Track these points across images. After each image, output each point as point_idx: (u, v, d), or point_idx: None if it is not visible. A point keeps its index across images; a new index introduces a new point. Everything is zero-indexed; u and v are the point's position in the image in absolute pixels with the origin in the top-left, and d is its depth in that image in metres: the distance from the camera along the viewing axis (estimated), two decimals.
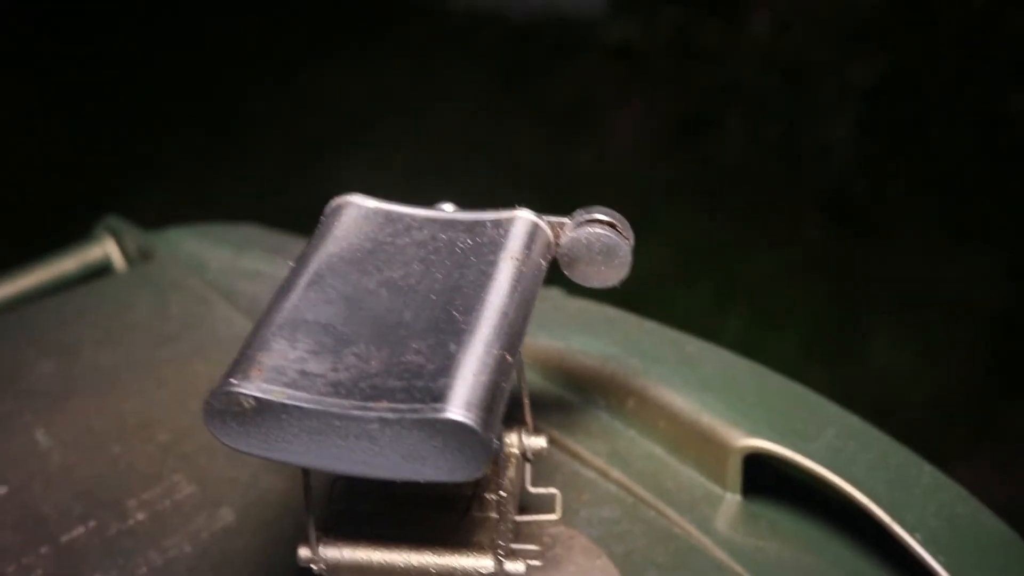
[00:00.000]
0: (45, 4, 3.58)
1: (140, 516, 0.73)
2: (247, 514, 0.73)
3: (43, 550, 0.71)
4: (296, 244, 1.05)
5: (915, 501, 0.68)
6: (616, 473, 0.73)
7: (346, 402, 0.45)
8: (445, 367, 0.46)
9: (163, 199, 2.50)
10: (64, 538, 0.71)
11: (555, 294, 0.87)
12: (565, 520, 0.69)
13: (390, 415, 0.44)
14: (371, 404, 0.45)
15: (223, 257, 1.04)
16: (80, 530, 0.72)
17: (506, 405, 0.47)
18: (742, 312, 2.22)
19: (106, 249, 1.14)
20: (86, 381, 0.87)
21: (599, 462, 0.74)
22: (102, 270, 1.13)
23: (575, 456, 0.75)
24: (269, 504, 0.73)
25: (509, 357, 0.48)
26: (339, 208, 0.57)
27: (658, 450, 0.75)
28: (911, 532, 0.66)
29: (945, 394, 1.99)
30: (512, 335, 0.49)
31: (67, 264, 1.12)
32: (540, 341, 0.80)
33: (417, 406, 0.45)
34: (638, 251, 0.56)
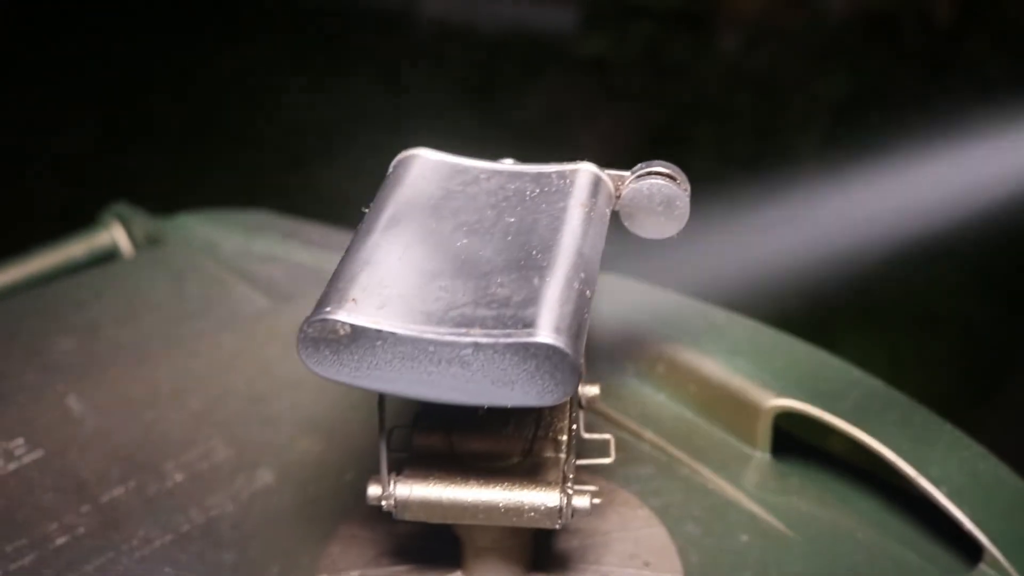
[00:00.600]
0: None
1: (179, 477, 0.74)
2: (286, 475, 0.74)
3: (84, 509, 0.71)
4: (311, 229, 1.06)
5: (939, 457, 0.70)
6: (649, 434, 0.75)
7: (440, 328, 0.47)
8: (532, 297, 0.48)
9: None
10: (104, 498, 0.72)
11: None
12: (604, 476, 0.71)
13: (484, 339, 0.46)
14: (464, 330, 0.47)
15: (236, 241, 1.05)
16: (120, 490, 0.73)
17: (584, 339, 0.50)
18: None
19: (114, 235, 1.14)
20: (112, 355, 0.87)
21: (632, 424, 0.76)
22: (109, 256, 1.13)
23: (607, 419, 0.77)
24: (307, 465, 0.75)
25: (588, 292, 0.50)
26: (406, 160, 0.59)
27: (688, 413, 0.77)
28: (937, 485, 0.68)
29: None
30: (588, 273, 0.51)
31: (74, 250, 1.12)
32: None
33: (509, 331, 0.47)
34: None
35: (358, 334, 0.47)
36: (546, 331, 0.46)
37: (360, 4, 3.55)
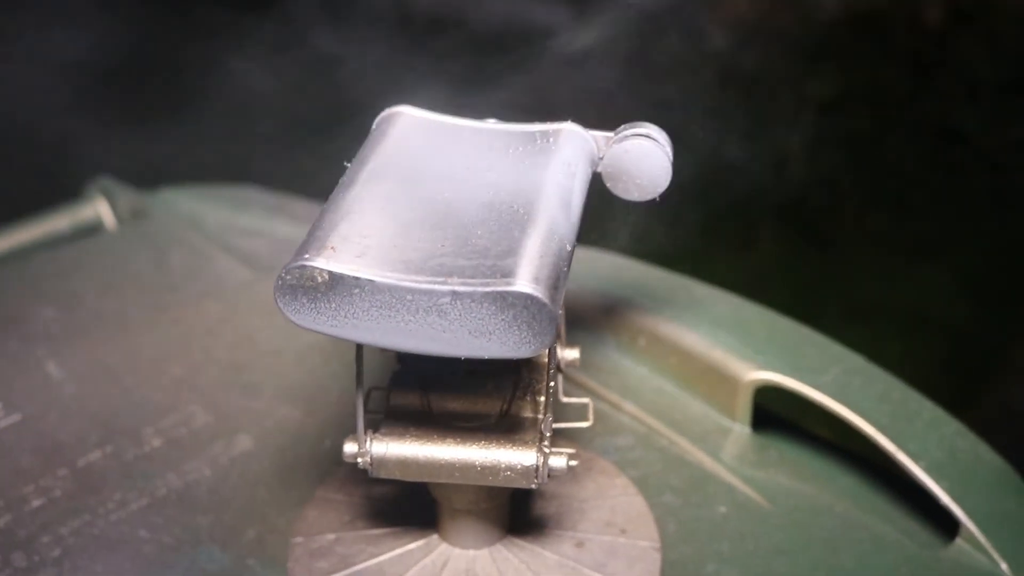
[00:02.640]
0: None
1: (157, 443, 0.74)
2: (264, 441, 0.74)
3: (61, 472, 0.71)
4: (296, 204, 1.06)
5: (918, 433, 0.70)
6: (629, 406, 0.75)
7: (418, 277, 0.47)
8: (511, 248, 0.48)
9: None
10: (81, 462, 0.72)
11: None
12: (583, 445, 0.71)
13: (462, 287, 0.46)
14: (442, 279, 0.47)
15: (220, 215, 1.05)
16: (97, 454, 0.73)
17: (563, 293, 0.49)
18: None
19: (98, 209, 1.14)
20: (92, 323, 0.87)
21: (612, 396, 0.76)
22: (93, 230, 1.13)
23: (588, 390, 0.77)
24: (286, 431, 0.74)
25: (568, 246, 0.50)
26: (391, 117, 0.58)
27: (669, 385, 0.77)
28: (915, 460, 0.68)
29: None
30: (569, 229, 0.51)
31: (58, 223, 1.12)
32: None
33: (488, 280, 0.46)
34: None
35: (336, 281, 0.47)
36: (524, 280, 0.46)
37: None
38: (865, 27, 2.91)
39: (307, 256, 0.48)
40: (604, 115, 0.61)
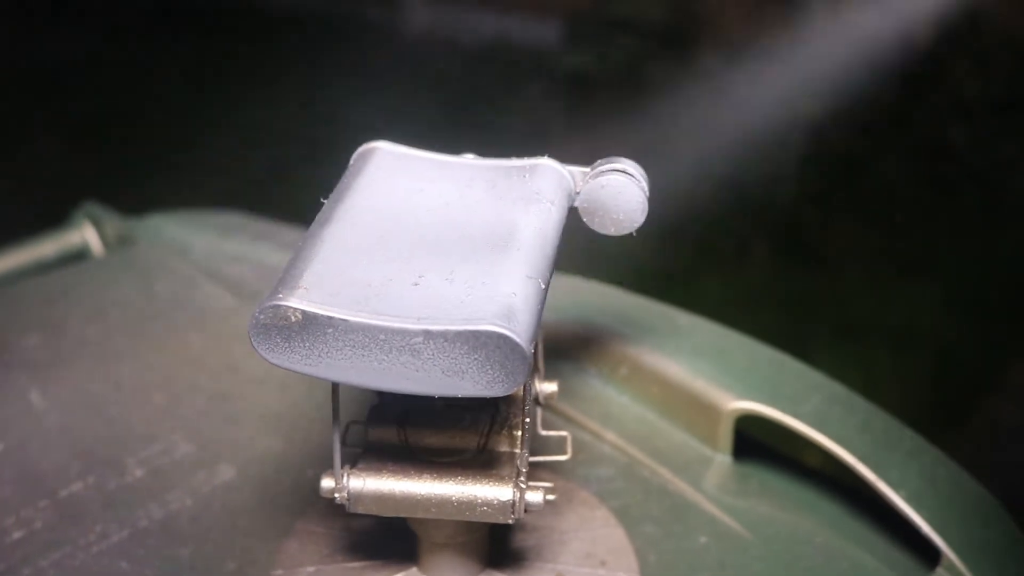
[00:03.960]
0: None
1: (139, 472, 0.74)
2: (247, 471, 0.74)
3: (42, 504, 0.71)
4: (282, 231, 1.06)
5: (899, 461, 0.71)
6: (610, 435, 0.75)
7: (391, 316, 0.47)
8: (485, 286, 0.48)
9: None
10: (63, 493, 0.72)
11: None
12: (563, 476, 0.71)
13: (434, 327, 0.46)
14: (415, 318, 0.47)
15: (207, 242, 1.05)
16: (79, 485, 0.73)
17: (538, 331, 0.50)
18: None
19: (85, 235, 1.14)
20: (77, 351, 0.87)
21: (593, 425, 0.76)
22: (80, 255, 1.13)
23: (569, 419, 0.77)
24: (268, 461, 0.74)
25: (542, 284, 0.50)
26: (368, 152, 0.59)
27: (650, 415, 0.77)
28: (895, 489, 0.69)
29: None
30: (544, 266, 0.51)
31: (45, 249, 1.12)
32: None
33: (460, 319, 0.47)
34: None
35: (309, 320, 0.47)
36: (496, 320, 0.46)
37: (344, 14, 3.56)
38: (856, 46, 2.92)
39: (280, 295, 0.48)
40: None
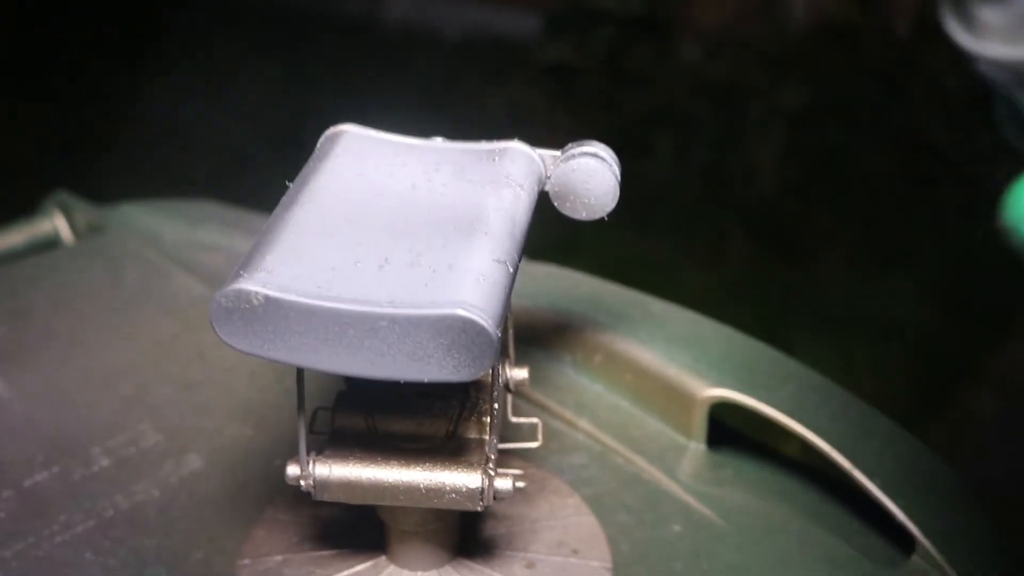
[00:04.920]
0: None
1: (105, 462, 0.73)
2: (214, 460, 0.73)
3: (5, 494, 0.70)
4: (255, 219, 1.05)
5: (874, 449, 0.70)
6: (584, 423, 0.74)
7: (355, 300, 0.46)
8: (452, 270, 0.47)
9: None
10: (27, 483, 0.71)
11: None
12: (536, 464, 0.70)
13: (398, 312, 0.45)
14: (379, 302, 0.46)
15: (179, 230, 1.04)
16: (43, 475, 0.71)
17: (506, 315, 0.49)
18: None
19: (55, 223, 1.13)
20: (43, 341, 0.86)
21: (567, 413, 0.75)
22: (50, 244, 1.12)
23: (542, 408, 0.76)
24: (237, 450, 0.73)
25: (511, 267, 0.49)
26: (335, 135, 0.58)
27: (625, 403, 0.77)
28: (870, 477, 0.68)
29: None
30: (512, 250, 0.51)
31: (13, 238, 1.11)
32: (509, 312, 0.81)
33: (425, 303, 0.46)
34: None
35: (271, 304, 0.46)
36: (463, 304, 0.46)
37: (322, 6, 3.54)
38: (835, 39, 2.93)
39: (242, 279, 0.47)
40: None
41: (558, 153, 0.58)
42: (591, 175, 0.56)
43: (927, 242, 2.55)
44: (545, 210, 0.58)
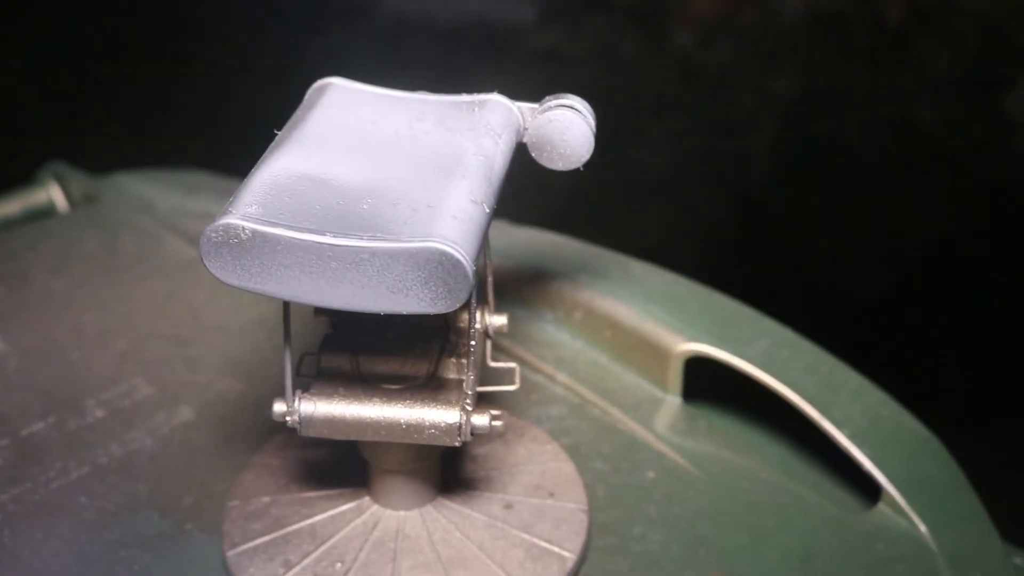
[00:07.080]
0: None
1: (99, 413, 0.75)
2: (206, 412, 0.75)
3: (2, 442, 0.72)
4: None
5: (842, 402, 0.72)
6: (563, 377, 0.77)
7: (338, 234, 0.48)
8: (430, 208, 0.50)
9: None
10: (24, 432, 0.73)
11: (502, 224, 0.91)
12: (516, 414, 0.72)
13: (378, 244, 0.48)
14: (361, 235, 0.48)
15: (172, 199, 1.06)
16: (39, 425, 0.74)
17: (482, 253, 0.51)
18: None
19: (50, 193, 1.15)
20: (41, 301, 0.88)
21: (547, 367, 0.78)
22: (45, 213, 1.14)
23: (524, 362, 0.78)
24: (227, 403, 0.76)
25: (487, 208, 0.52)
26: (323, 87, 0.60)
27: (603, 358, 0.79)
28: (839, 428, 0.70)
29: None
30: (489, 193, 0.53)
31: (10, 207, 1.13)
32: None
33: (405, 237, 0.48)
34: None
35: (259, 238, 0.48)
36: (440, 238, 0.48)
37: None
38: (826, 26, 2.94)
39: (231, 214, 0.49)
40: None
41: (535, 105, 0.60)
42: (568, 126, 0.59)
43: (919, 228, 2.57)
44: (538, 197, 0.60)
